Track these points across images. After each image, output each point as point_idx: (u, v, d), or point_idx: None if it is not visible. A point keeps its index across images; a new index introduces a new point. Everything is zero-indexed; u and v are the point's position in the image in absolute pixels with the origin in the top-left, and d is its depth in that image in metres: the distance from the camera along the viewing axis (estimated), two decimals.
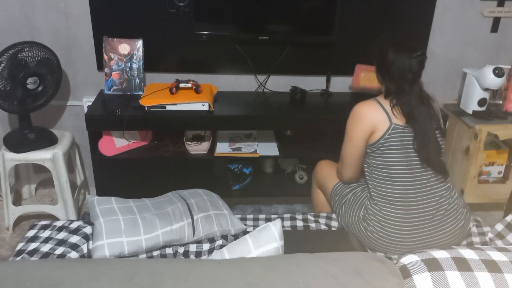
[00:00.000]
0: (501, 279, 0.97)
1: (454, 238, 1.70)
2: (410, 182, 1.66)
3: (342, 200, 1.85)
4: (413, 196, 1.66)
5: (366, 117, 1.69)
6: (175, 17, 2.32)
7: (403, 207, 1.66)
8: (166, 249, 1.71)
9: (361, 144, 1.72)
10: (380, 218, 1.68)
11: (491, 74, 2.30)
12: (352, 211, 1.79)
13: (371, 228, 1.70)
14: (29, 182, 2.59)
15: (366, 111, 1.69)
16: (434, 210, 1.66)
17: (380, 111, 1.68)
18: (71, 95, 2.49)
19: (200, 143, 2.32)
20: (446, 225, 1.67)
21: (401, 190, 1.67)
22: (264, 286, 0.93)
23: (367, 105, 1.71)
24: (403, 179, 1.67)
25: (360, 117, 1.70)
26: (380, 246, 1.71)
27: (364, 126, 1.69)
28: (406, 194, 1.66)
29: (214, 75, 2.51)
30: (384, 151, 1.67)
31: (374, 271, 1.00)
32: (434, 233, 1.67)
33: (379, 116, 1.67)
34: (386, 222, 1.67)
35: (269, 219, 1.96)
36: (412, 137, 1.66)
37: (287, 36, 2.37)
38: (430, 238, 1.67)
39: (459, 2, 2.46)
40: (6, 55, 1.99)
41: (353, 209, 1.79)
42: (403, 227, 1.66)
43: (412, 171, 1.66)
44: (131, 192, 2.20)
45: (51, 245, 1.58)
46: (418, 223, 1.66)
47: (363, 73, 2.49)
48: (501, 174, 2.47)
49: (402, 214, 1.66)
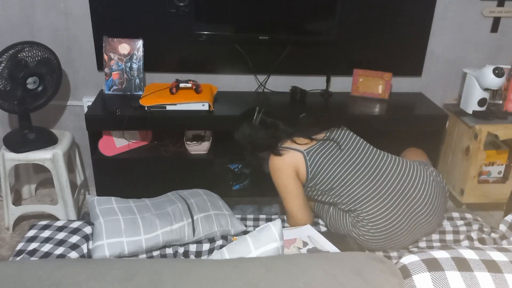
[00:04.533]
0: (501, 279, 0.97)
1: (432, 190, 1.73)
2: (361, 174, 1.71)
3: (328, 214, 1.85)
4: (374, 184, 1.69)
5: (283, 164, 1.77)
6: (175, 17, 2.32)
7: (372, 197, 1.68)
8: (166, 249, 1.71)
9: (297, 187, 1.79)
10: (366, 221, 1.69)
11: (491, 74, 2.30)
12: (341, 221, 1.78)
13: (363, 232, 1.71)
14: (29, 182, 2.59)
15: (280, 161, 1.77)
16: (400, 183, 1.70)
17: (288, 151, 1.77)
18: (71, 95, 2.49)
19: (200, 143, 2.32)
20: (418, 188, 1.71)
21: (360, 185, 1.70)
22: (264, 286, 0.93)
23: (275, 157, 1.79)
24: (354, 177, 1.71)
25: (278, 167, 1.78)
26: (378, 245, 1.72)
27: (287, 171, 1.77)
28: (367, 186, 1.69)
29: (214, 75, 2.51)
30: (320, 173, 1.74)
31: (374, 271, 1.00)
32: (414, 202, 1.69)
33: (289, 155, 1.77)
34: (373, 222, 1.68)
35: (269, 219, 1.96)
36: (325, 146, 1.76)
37: (287, 36, 2.37)
38: (413, 208, 1.69)
39: (459, 2, 2.46)
40: (6, 55, 1.99)
41: (341, 219, 1.78)
42: (386, 216, 1.67)
43: (352, 166, 1.73)
44: (131, 192, 2.19)
45: (51, 245, 1.58)
46: (395, 203, 1.68)
47: (362, 78, 2.50)
48: (501, 174, 2.47)
49: (377, 204, 1.68)
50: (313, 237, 1.66)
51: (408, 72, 2.59)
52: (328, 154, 1.75)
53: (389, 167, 1.74)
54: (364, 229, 1.69)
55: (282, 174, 1.77)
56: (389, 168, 1.74)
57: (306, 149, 1.76)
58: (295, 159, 1.75)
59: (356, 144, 1.81)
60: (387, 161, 1.77)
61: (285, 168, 1.76)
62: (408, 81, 2.63)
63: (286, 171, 1.76)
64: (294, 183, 1.77)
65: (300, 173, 1.77)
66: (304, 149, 1.76)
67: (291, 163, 1.76)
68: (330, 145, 1.78)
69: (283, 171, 1.77)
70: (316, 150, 1.76)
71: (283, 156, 1.77)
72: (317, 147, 1.77)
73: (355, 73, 2.51)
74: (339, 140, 1.80)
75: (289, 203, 1.80)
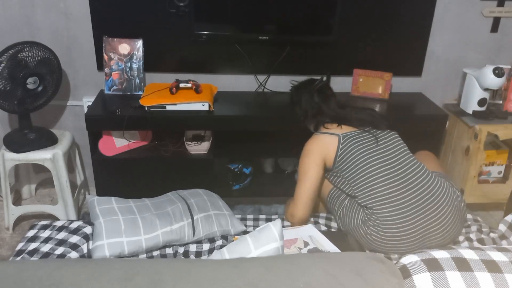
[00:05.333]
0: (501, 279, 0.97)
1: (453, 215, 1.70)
2: (389, 175, 1.70)
3: (341, 205, 1.84)
4: (398, 188, 1.67)
5: (314, 148, 1.81)
6: (175, 17, 2.32)
7: (392, 201, 1.66)
8: (166, 249, 1.71)
9: (317, 176, 1.81)
10: (379, 222, 1.67)
11: (491, 74, 2.30)
12: (352, 215, 1.77)
13: (371, 231, 1.69)
14: (29, 182, 2.59)
15: (312, 145, 1.82)
16: (425, 198, 1.67)
17: (325, 136, 1.81)
18: (71, 95, 2.49)
19: (200, 143, 2.32)
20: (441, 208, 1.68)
21: (384, 185, 1.68)
22: (264, 286, 0.93)
23: (312, 139, 1.85)
24: (380, 174, 1.70)
25: (309, 150, 1.82)
26: (382, 247, 1.71)
27: (316, 156, 1.80)
28: (390, 188, 1.68)
29: (214, 75, 2.51)
30: (348, 160, 1.75)
31: (374, 271, 1.00)
32: (432, 220, 1.67)
33: (324, 141, 1.80)
34: (384, 224, 1.66)
35: (269, 219, 1.96)
36: (363, 135, 1.79)
37: (287, 36, 2.37)
38: (430, 226, 1.66)
39: (459, 2, 2.46)
40: (6, 55, 1.99)
41: (353, 212, 1.77)
42: (400, 223, 1.65)
43: (383, 163, 1.72)
44: (131, 192, 2.20)
45: (51, 245, 1.58)
46: (414, 215, 1.65)
47: (362, 78, 2.50)
48: (501, 174, 2.47)
49: (395, 209, 1.66)
50: (315, 237, 1.66)
51: (408, 72, 2.59)
52: (362, 144, 1.76)
53: (420, 177, 1.71)
54: (373, 228, 1.67)
55: (309, 157, 1.81)
56: (419, 178, 1.71)
57: (344, 133, 1.79)
58: (328, 143, 1.79)
59: (395, 146, 1.78)
60: (420, 171, 1.73)
61: (314, 153, 1.80)
62: (408, 81, 2.63)
63: (314, 155, 1.80)
64: (316, 170, 1.80)
65: (329, 156, 1.79)
66: (341, 133, 1.79)
67: (322, 149, 1.79)
68: (368, 136, 1.79)
69: (310, 156, 1.80)
70: (353, 136, 1.78)
71: (318, 139, 1.82)
72: (355, 134, 1.79)
73: (355, 73, 2.51)
74: (379, 135, 1.80)
75: (301, 187, 1.82)
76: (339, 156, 1.76)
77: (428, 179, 1.72)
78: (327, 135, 1.81)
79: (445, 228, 1.68)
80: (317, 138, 1.83)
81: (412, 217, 1.65)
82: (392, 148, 1.77)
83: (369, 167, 1.71)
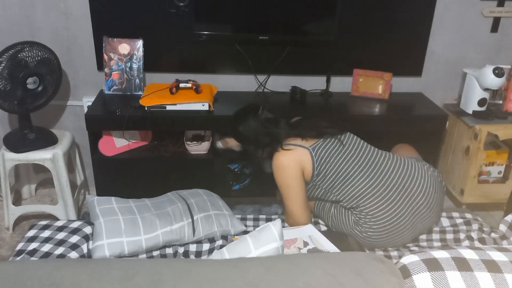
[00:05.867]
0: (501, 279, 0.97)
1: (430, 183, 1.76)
2: (363, 171, 1.73)
3: (329, 215, 1.85)
4: (375, 180, 1.72)
5: (288, 162, 1.76)
6: (175, 17, 2.32)
7: (374, 194, 1.70)
8: (166, 249, 1.71)
9: (301, 187, 1.79)
10: (369, 217, 1.70)
11: (491, 74, 2.30)
12: (343, 221, 1.78)
13: (365, 229, 1.72)
14: (29, 182, 2.59)
15: (288, 159, 1.77)
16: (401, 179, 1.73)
17: (296, 148, 1.77)
18: (71, 95, 2.49)
19: (200, 143, 2.32)
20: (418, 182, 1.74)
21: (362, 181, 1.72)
22: (264, 286, 0.93)
23: (284, 153, 1.77)
24: (356, 173, 1.73)
25: (284, 165, 1.77)
26: (380, 242, 1.73)
27: (293, 169, 1.76)
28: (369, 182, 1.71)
29: (214, 75, 2.51)
30: (325, 169, 1.75)
31: (374, 271, 1.00)
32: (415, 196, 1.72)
33: (297, 153, 1.77)
34: (376, 218, 1.69)
35: (269, 219, 1.96)
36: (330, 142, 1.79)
37: (287, 36, 2.36)
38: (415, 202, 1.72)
39: (459, 2, 2.46)
40: (6, 55, 1.99)
41: (342, 218, 1.79)
42: (389, 211, 1.69)
43: (355, 163, 1.75)
44: (131, 192, 2.19)
45: (51, 245, 1.58)
46: (397, 198, 1.70)
47: (362, 78, 2.50)
48: (501, 174, 2.47)
49: (379, 200, 1.70)
50: (314, 237, 1.66)
51: (408, 72, 2.59)
52: (332, 150, 1.77)
53: (389, 164, 1.77)
54: (366, 225, 1.70)
55: (287, 172, 1.76)
56: (389, 165, 1.76)
57: (311, 145, 1.78)
58: (301, 155, 1.76)
59: (358, 143, 1.83)
60: (386, 159, 1.79)
61: (291, 166, 1.76)
62: (408, 81, 2.63)
63: (291, 169, 1.76)
64: (299, 182, 1.77)
65: (306, 169, 1.77)
66: (309, 145, 1.78)
67: (298, 160, 1.76)
68: (332, 141, 1.80)
69: (289, 169, 1.76)
70: (321, 146, 1.77)
71: (289, 153, 1.76)
72: (321, 143, 1.78)
73: (355, 73, 2.51)
74: (342, 139, 1.82)
75: (292, 203, 1.80)
76: (317, 169, 1.76)
77: (399, 163, 1.78)
78: (297, 147, 1.78)
79: (429, 200, 1.74)
80: (289, 152, 1.77)
81: (396, 201, 1.70)
82: (357, 146, 1.81)
83: (345, 170, 1.74)
